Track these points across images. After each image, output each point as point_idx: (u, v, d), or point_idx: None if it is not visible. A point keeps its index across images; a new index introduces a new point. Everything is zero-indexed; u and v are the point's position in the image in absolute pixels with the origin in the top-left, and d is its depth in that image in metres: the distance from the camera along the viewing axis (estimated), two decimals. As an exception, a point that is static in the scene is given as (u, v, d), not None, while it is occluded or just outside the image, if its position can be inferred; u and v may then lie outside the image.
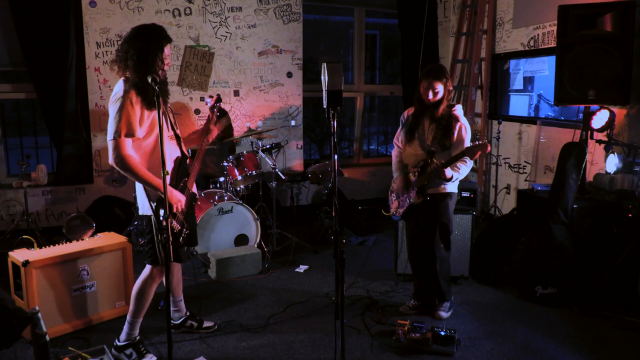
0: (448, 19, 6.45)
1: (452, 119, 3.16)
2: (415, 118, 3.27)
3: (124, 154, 2.50)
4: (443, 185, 3.19)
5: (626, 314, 3.40)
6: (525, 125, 5.32)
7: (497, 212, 5.49)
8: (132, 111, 2.52)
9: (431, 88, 3.11)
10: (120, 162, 2.51)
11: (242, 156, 4.55)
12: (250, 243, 4.45)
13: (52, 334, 2.88)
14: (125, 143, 2.51)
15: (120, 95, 2.53)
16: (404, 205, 3.31)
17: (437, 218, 3.24)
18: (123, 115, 2.50)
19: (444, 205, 3.23)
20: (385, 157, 7.48)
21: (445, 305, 3.42)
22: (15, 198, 4.94)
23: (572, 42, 3.83)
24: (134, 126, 2.53)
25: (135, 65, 2.53)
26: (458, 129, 3.15)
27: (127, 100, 2.51)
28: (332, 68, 2.20)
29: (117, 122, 2.50)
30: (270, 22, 5.63)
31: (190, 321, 3.18)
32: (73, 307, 3.15)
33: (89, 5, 4.91)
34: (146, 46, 2.55)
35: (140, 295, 2.78)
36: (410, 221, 3.40)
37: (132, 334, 2.83)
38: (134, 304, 2.80)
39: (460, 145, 3.13)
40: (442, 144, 3.15)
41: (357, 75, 6.57)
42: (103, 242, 3.31)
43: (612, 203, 3.74)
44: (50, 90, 4.83)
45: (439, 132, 3.16)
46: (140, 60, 2.53)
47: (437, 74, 3.10)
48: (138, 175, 2.54)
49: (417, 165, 3.22)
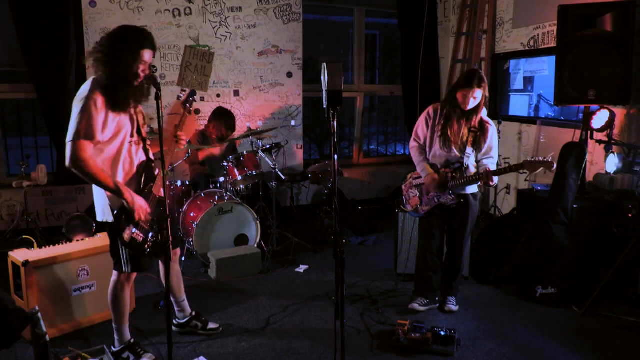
0: (448, 19, 6.45)
1: (484, 123, 3.28)
2: (448, 120, 3.27)
3: (82, 157, 2.39)
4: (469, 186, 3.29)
5: (626, 314, 3.40)
6: (525, 125, 5.32)
7: (497, 212, 5.49)
8: (96, 113, 2.41)
9: (473, 96, 3.15)
10: (77, 165, 2.40)
11: (242, 156, 4.55)
12: (250, 243, 4.45)
13: (52, 334, 2.88)
14: (83, 146, 2.39)
15: (84, 95, 2.42)
16: (432, 204, 3.35)
17: (470, 217, 3.36)
18: (84, 116, 2.39)
19: (475, 205, 3.37)
20: (385, 157, 7.49)
21: (454, 300, 3.51)
22: (15, 198, 4.94)
23: (572, 42, 3.83)
24: (94, 129, 2.41)
25: (106, 61, 2.42)
26: (491, 134, 3.26)
27: (90, 101, 2.40)
28: (332, 68, 2.20)
29: (77, 123, 2.38)
30: (270, 22, 5.63)
31: (195, 321, 3.16)
32: (73, 307, 3.15)
33: (89, 5, 4.91)
34: (123, 44, 2.43)
35: (115, 303, 2.76)
36: (433, 220, 3.42)
37: (124, 339, 2.81)
38: (112, 312, 2.78)
39: (491, 151, 3.27)
40: (478, 148, 3.26)
41: (357, 75, 6.57)
42: (103, 242, 3.30)
43: (612, 203, 3.74)
44: (50, 90, 4.83)
45: (472, 135, 3.23)
46: (113, 57, 2.42)
47: (480, 81, 3.15)
48: (98, 179, 2.44)
49: (450, 166, 3.26)
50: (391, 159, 7.10)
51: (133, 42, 2.45)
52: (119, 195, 2.51)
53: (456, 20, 6.25)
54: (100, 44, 2.46)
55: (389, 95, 7.02)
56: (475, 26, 5.83)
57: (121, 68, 2.44)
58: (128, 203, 2.53)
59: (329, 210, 5.18)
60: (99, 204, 2.64)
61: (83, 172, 2.42)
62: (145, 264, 2.74)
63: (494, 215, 5.47)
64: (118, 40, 2.44)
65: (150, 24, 5.13)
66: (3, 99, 5.10)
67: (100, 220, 2.65)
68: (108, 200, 2.57)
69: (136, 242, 2.61)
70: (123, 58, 2.43)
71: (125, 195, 2.51)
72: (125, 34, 2.47)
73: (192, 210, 4.30)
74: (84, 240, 3.36)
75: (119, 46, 2.43)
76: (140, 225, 2.62)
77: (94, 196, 2.67)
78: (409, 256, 3.95)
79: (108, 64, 2.43)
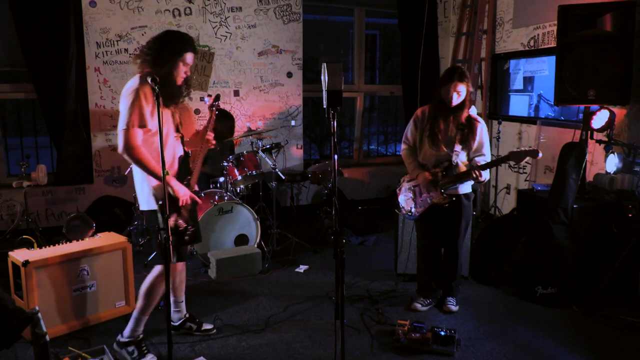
0: (448, 19, 6.45)
1: (472, 120, 3.23)
2: (435, 119, 3.27)
3: (134, 144, 2.55)
4: (465, 185, 3.27)
5: (626, 314, 3.40)
6: (525, 125, 5.32)
7: (497, 212, 5.49)
8: (146, 104, 2.57)
9: (455, 90, 3.13)
10: (130, 152, 2.55)
11: (242, 156, 4.55)
12: (250, 243, 4.45)
13: (52, 334, 2.87)
14: (136, 133, 2.56)
15: (134, 87, 2.57)
16: (425, 205, 3.34)
17: (463, 218, 3.33)
18: (136, 106, 2.54)
19: (468, 205, 3.34)
20: (385, 157, 7.48)
21: (453, 300, 3.51)
22: (15, 198, 4.94)
23: (572, 42, 3.83)
24: (145, 118, 2.57)
25: (153, 60, 2.61)
26: (480, 131, 3.22)
27: (140, 93, 2.56)
28: (332, 68, 2.20)
29: (129, 113, 2.54)
30: (270, 22, 5.63)
31: (189, 323, 3.17)
32: (73, 307, 3.15)
33: (89, 5, 4.91)
34: (170, 45, 2.63)
35: (149, 293, 2.82)
36: (428, 221, 3.42)
37: (137, 331, 2.85)
38: (143, 301, 2.82)
39: (482, 148, 3.22)
40: (467, 146, 3.22)
41: (357, 75, 6.57)
42: (103, 242, 3.31)
43: (612, 203, 3.74)
44: (50, 90, 4.83)
45: (460, 133, 3.20)
46: (160, 57, 2.61)
47: (461, 76, 3.13)
48: (147, 167, 2.59)
49: (440, 166, 3.24)
50: (391, 159, 7.09)
51: (180, 44, 2.67)
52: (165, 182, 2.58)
53: (456, 20, 6.25)
54: (148, 47, 2.66)
55: (389, 95, 7.02)
56: (475, 26, 5.83)
57: (167, 68, 2.63)
58: (174, 190, 2.66)
59: (329, 210, 5.18)
60: (142, 193, 2.75)
61: (134, 159, 2.58)
62: (185, 254, 2.90)
63: (494, 215, 5.47)
64: (165, 43, 2.64)
65: (150, 24, 5.13)
66: (3, 99, 5.10)
67: (143, 209, 2.76)
68: (152, 189, 2.68)
69: (178, 229, 2.72)
70: (170, 59, 2.64)
71: (171, 182, 2.66)
72: (171, 37, 2.69)
73: (192, 210, 4.30)
74: (84, 240, 3.36)
75: (166, 47, 2.63)
76: (182, 213, 2.74)
77: (136, 187, 2.79)
78: (409, 256, 3.95)
79: (156, 65, 2.61)
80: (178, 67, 2.67)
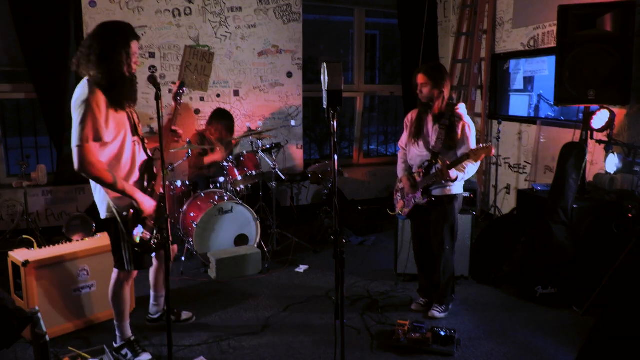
0: (448, 19, 6.45)
1: (455, 118, 3.18)
2: (419, 119, 3.30)
3: (91, 160, 2.39)
4: (449, 187, 3.22)
5: (626, 314, 3.40)
6: (525, 125, 5.32)
7: (497, 212, 5.49)
8: (99, 114, 2.40)
9: (420, 82, 3.17)
10: (86, 170, 2.40)
11: (242, 156, 4.55)
12: (250, 243, 4.45)
13: (52, 334, 2.87)
14: (92, 148, 2.40)
15: (84, 97, 2.40)
16: (410, 205, 3.35)
17: (443, 220, 3.26)
18: (88, 119, 2.37)
19: (450, 207, 3.26)
20: (385, 157, 7.48)
21: (441, 307, 3.42)
22: (15, 198, 4.94)
23: (572, 42, 3.83)
24: (101, 130, 2.41)
25: (98, 60, 2.40)
26: (462, 128, 3.16)
27: (92, 103, 2.38)
28: (332, 68, 2.20)
29: (82, 127, 2.37)
30: (270, 22, 5.63)
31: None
32: (73, 307, 3.15)
33: (89, 5, 4.91)
34: (111, 40, 2.43)
35: (116, 300, 2.79)
36: (416, 221, 3.43)
37: (125, 335, 2.86)
38: (114, 309, 2.82)
39: (465, 145, 3.15)
40: (446, 145, 3.17)
41: (357, 75, 6.57)
42: (103, 242, 3.30)
43: (612, 203, 3.73)
44: (50, 90, 4.83)
45: (442, 132, 3.17)
46: (104, 54, 2.41)
47: (425, 68, 3.17)
48: (107, 182, 2.46)
49: (422, 166, 3.24)
50: (391, 159, 7.08)
51: (121, 36, 2.47)
52: (128, 195, 2.52)
53: (456, 20, 6.25)
54: (88, 46, 2.45)
55: (389, 95, 7.02)
56: (475, 26, 5.83)
57: (116, 64, 2.45)
58: (138, 203, 2.56)
59: (329, 210, 5.18)
60: (100, 201, 2.64)
61: (92, 176, 2.44)
62: (147, 262, 2.76)
63: (494, 215, 5.47)
64: (106, 38, 2.44)
65: (150, 24, 5.13)
66: (3, 99, 5.10)
67: (103, 217, 2.65)
68: (110, 198, 2.57)
69: (143, 241, 2.64)
70: (115, 52, 2.44)
71: (135, 195, 2.54)
72: (110, 30, 2.48)
73: (192, 210, 4.30)
74: (84, 240, 3.36)
75: (108, 43, 2.43)
76: (147, 223, 2.65)
77: (94, 195, 2.66)
78: (409, 256, 3.94)
79: (102, 63, 2.42)
80: (125, 60, 2.46)
